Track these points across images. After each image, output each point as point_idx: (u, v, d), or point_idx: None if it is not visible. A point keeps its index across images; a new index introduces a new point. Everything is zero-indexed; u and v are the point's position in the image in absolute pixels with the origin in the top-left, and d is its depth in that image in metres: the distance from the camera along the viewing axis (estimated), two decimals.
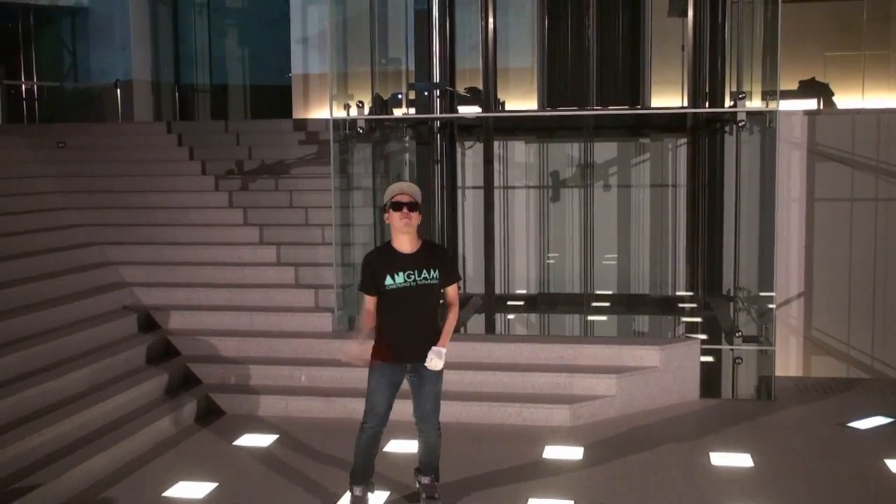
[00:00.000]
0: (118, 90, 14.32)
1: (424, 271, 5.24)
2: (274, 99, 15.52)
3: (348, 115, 9.38)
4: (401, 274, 5.21)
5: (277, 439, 7.18)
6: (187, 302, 9.10)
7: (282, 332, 8.70)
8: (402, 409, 7.53)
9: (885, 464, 6.42)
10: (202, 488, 6.14)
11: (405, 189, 5.23)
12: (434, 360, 5.26)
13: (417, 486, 5.77)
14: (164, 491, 6.10)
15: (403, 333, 5.31)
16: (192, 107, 16.34)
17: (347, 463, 6.54)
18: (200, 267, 9.54)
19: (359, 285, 5.35)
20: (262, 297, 9.14)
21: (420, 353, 5.30)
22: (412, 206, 5.18)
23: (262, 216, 10.17)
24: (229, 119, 15.23)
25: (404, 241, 5.26)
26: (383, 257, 5.30)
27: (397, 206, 5.15)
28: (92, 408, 6.86)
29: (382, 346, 5.37)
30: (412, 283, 5.22)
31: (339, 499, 5.91)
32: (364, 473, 5.60)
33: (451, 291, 5.43)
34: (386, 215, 5.23)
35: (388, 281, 5.21)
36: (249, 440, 7.18)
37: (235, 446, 7.07)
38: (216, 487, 6.16)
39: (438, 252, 5.49)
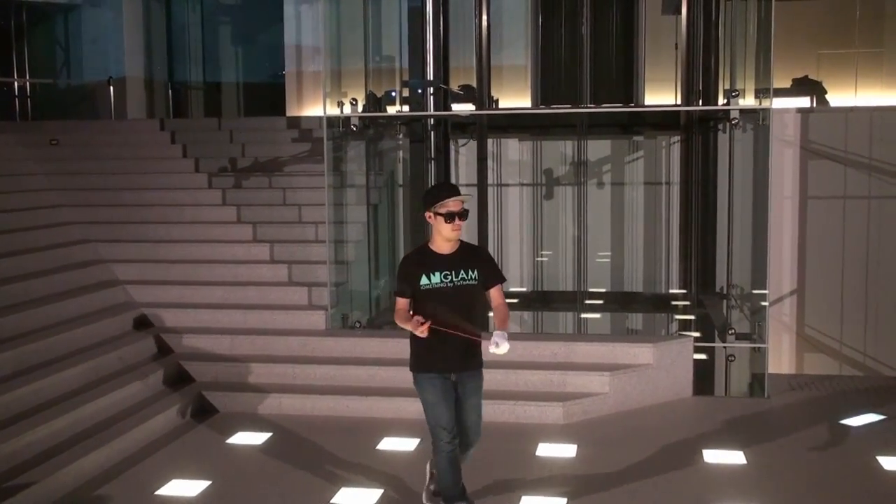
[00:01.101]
0: (111, 87, 14.29)
1: (462, 272, 4.98)
2: (267, 96, 15.49)
3: (342, 112, 9.37)
4: (437, 274, 4.95)
5: (271, 437, 7.18)
6: (180, 300, 9.09)
7: (275, 329, 8.70)
8: (399, 406, 7.55)
9: (877, 460, 6.44)
10: (196, 486, 6.13)
11: (459, 197, 4.96)
12: (502, 344, 4.75)
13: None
14: (157, 489, 6.09)
15: (444, 341, 4.92)
16: (186, 104, 16.31)
17: (342, 460, 6.56)
18: (194, 265, 9.53)
19: (393, 289, 5.10)
20: (255, 294, 9.13)
21: (463, 361, 5.06)
22: (463, 216, 4.96)
23: (256, 214, 10.16)
24: (223, 116, 15.18)
25: (444, 244, 5.03)
26: (420, 258, 5.06)
27: (450, 217, 4.91)
28: (85, 406, 6.85)
29: (424, 356, 5.07)
30: (449, 284, 4.95)
31: (333, 496, 5.92)
32: (458, 489, 5.23)
33: (496, 295, 5.13)
34: (428, 215, 4.97)
35: (424, 280, 4.95)
36: (243, 438, 7.17)
37: (229, 444, 7.07)
38: (209, 485, 6.15)
39: (477, 252, 5.20)
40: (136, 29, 15.26)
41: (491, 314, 5.21)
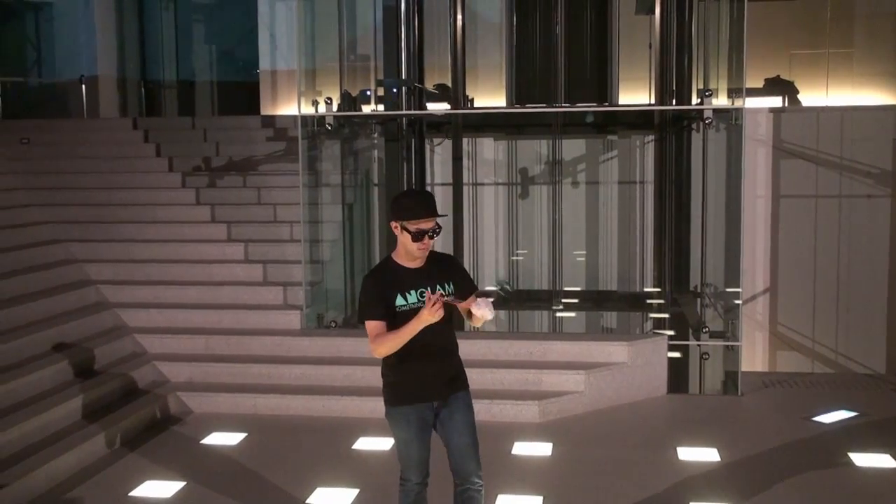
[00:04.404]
0: (83, 86, 14.16)
1: (439, 287, 4.34)
2: (242, 95, 15.42)
3: (316, 111, 9.34)
4: (413, 293, 4.30)
5: (246, 438, 7.15)
6: (154, 300, 9.03)
7: (250, 329, 8.67)
8: (375, 406, 7.55)
9: (848, 457, 6.51)
10: (169, 487, 6.10)
11: (433, 212, 4.30)
12: (487, 308, 4.23)
13: None
14: (131, 490, 6.05)
15: (425, 365, 4.36)
16: (159, 103, 16.19)
17: (317, 460, 6.54)
18: (168, 264, 9.47)
19: (358, 315, 4.42)
20: (230, 294, 9.09)
21: (447, 386, 4.45)
22: (435, 233, 4.31)
23: (230, 213, 10.11)
24: (196, 115, 15.09)
25: (412, 258, 4.37)
26: (388, 275, 4.34)
27: (419, 236, 4.24)
28: (57, 407, 6.79)
29: (401, 387, 4.45)
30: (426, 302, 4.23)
31: (308, 496, 5.90)
32: None
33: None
34: (394, 225, 4.29)
35: (400, 301, 4.28)
36: (218, 439, 7.14)
37: (203, 445, 7.03)
38: (183, 487, 6.12)
39: (449, 262, 4.57)
40: (108, 27, 15.12)
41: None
